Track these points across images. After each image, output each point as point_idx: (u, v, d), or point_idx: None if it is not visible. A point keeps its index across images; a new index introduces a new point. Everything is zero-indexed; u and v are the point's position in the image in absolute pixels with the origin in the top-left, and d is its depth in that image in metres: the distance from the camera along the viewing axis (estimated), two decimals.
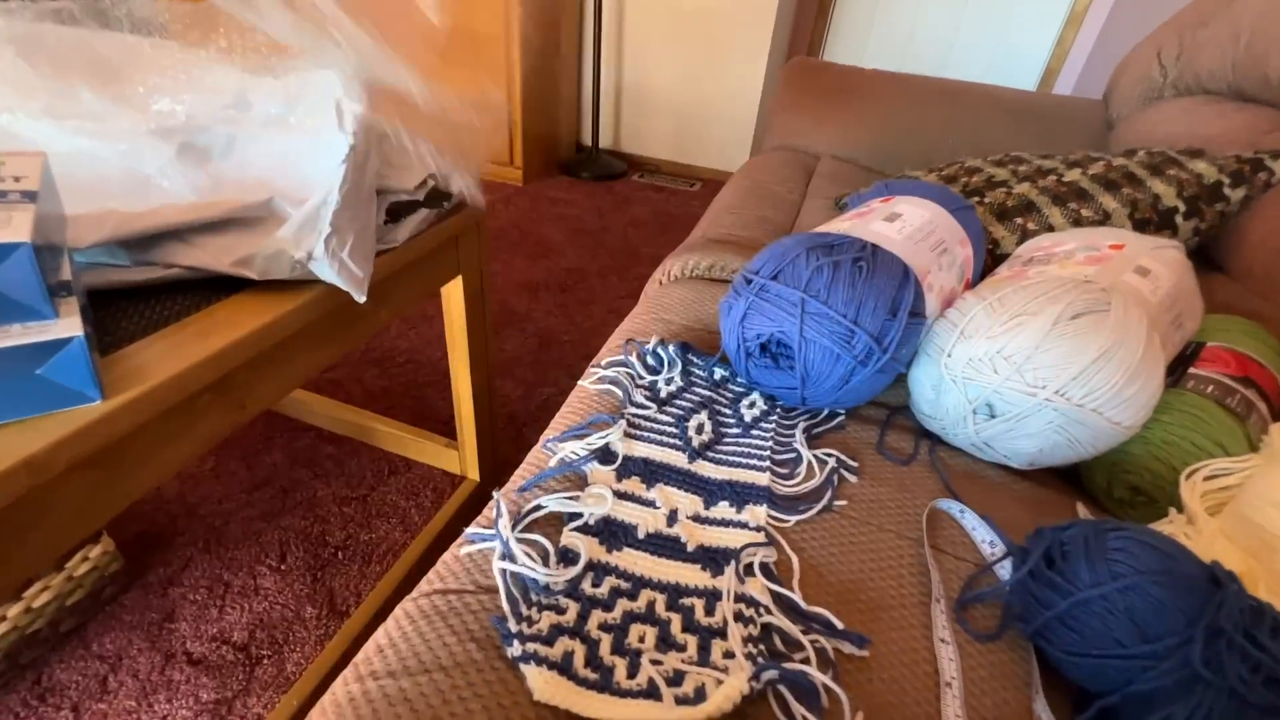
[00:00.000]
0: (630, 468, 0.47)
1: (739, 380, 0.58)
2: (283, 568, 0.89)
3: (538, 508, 0.42)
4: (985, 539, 0.45)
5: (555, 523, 0.42)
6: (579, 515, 0.42)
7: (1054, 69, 2.44)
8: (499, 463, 1.06)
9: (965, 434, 0.51)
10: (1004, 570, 0.42)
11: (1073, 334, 0.44)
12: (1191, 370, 0.52)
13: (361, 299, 0.53)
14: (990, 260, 0.69)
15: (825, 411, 0.56)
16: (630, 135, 2.65)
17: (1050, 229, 0.68)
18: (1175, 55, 0.98)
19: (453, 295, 0.81)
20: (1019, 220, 0.70)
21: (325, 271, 0.51)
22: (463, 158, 0.65)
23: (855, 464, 0.50)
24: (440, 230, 0.70)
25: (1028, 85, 2.53)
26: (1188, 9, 1.02)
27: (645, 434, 0.50)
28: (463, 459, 1.03)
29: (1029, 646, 0.38)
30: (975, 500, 0.49)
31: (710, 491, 0.46)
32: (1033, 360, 0.45)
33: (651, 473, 0.47)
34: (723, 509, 0.45)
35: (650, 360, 0.58)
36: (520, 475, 0.48)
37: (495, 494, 0.42)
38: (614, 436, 0.48)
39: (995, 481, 0.52)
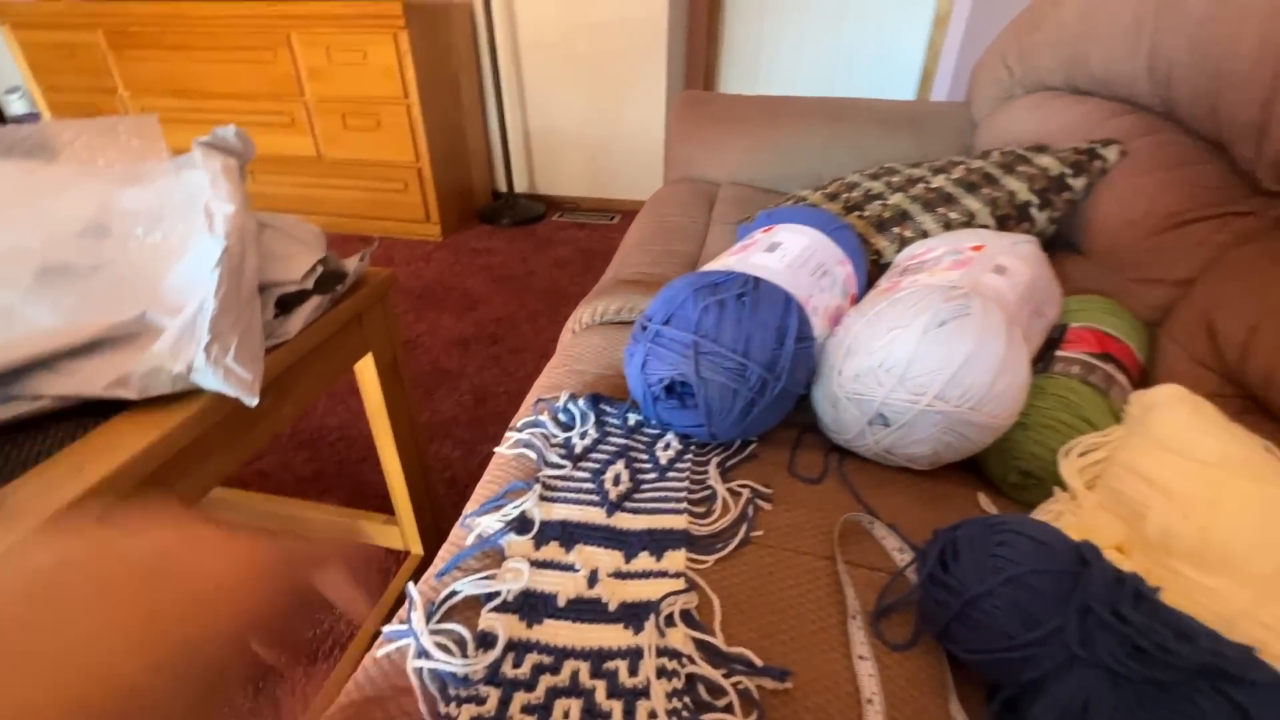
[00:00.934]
0: (548, 532, 0.47)
1: (654, 423, 0.59)
2: None
3: (453, 594, 0.41)
4: (894, 546, 0.47)
5: (475, 605, 0.42)
6: (497, 593, 0.42)
7: (930, 71, 2.62)
8: (443, 531, 1.03)
9: (866, 444, 0.53)
10: (915, 574, 0.44)
11: (941, 341, 0.47)
12: (1058, 353, 0.56)
13: (253, 402, 0.51)
14: (875, 270, 0.73)
15: (738, 442, 0.57)
16: (545, 177, 2.68)
17: (925, 234, 0.73)
18: (1017, 58, 1.07)
19: (365, 373, 0.80)
20: (896, 230, 0.74)
21: (209, 380, 0.49)
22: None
23: (769, 491, 0.52)
24: (340, 312, 0.68)
25: (909, 89, 2.70)
26: (1023, 13, 1.12)
27: (562, 494, 0.50)
28: (404, 534, 1.00)
29: (942, 649, 0.40)
30: (886, 506, 0.51)
31: (630, 544, 0.46)
32: (910, 370, 0.48)
33: (570, 534, 0.47)
34: (643, 560, 0.45)
35: (562, 417, 0.59)
36: (441, 558, 0.48)
37: (409, 586, 0.42)
38: (529, 504, 0.48)
39: (903, 485, 0.54)
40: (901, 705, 0.37)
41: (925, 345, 0.48)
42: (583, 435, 0.57)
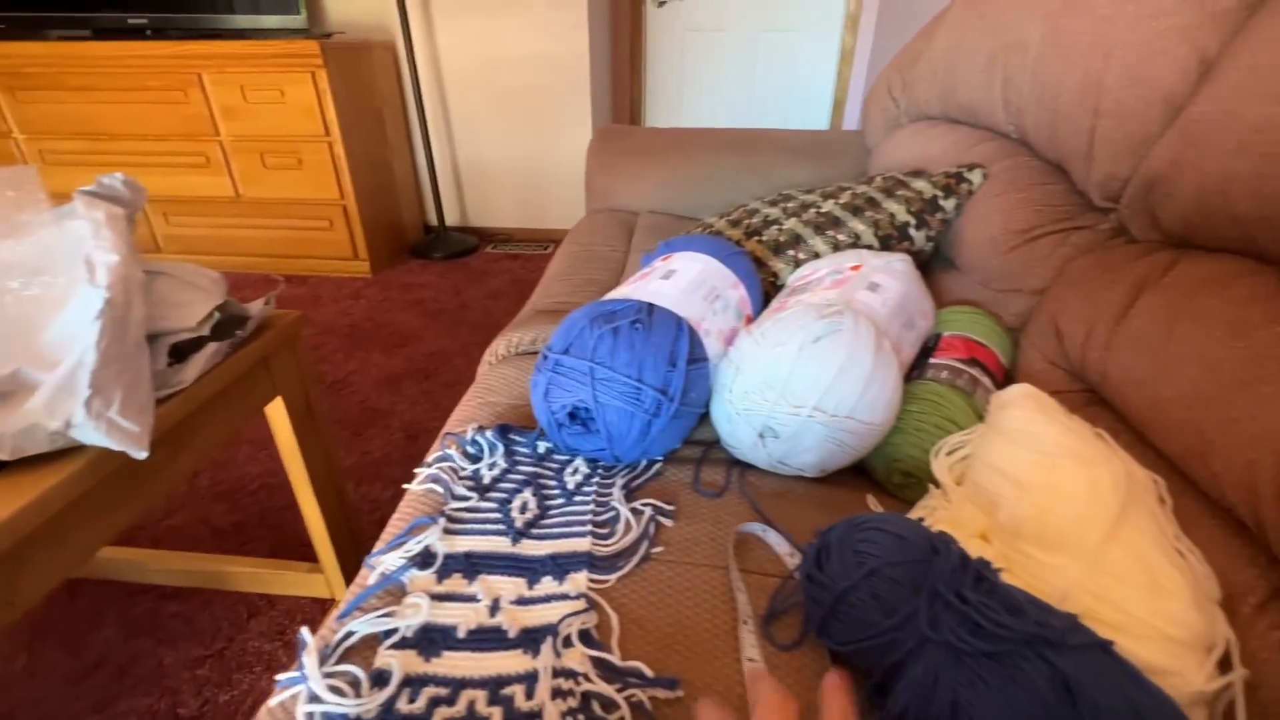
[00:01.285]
0: (451, 565, 0.47)
1: (562, 449, 0.60)
2: None
3: (349, 634, 0.41)
4: (785, 551, 0.50)
5: (374, 644, 0.42)
6: (395, 630, 0.42)
7: (840, 101, 2.79)
8: None
9: (761, 457, 0.56)
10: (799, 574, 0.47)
11: (816, 356, 0.51)
12: (930, 360, 0.62)
13: (141, 455, 0.50)
14: (774, 291, 0.77)
15: (644, 462, 0.59)
16: (476, 209, 2.68)
17: (816, 255, 0.78)
18: (901, 89, 1.17)
19: (276, 417, 0.78)
20: (791, 252, 0.79)
21: (92, 435, 0.48)
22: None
23: (671, 507, 0.54)
24: (244, 357, 0.67)
25: (823, 119, 2.87)
26: (904, 50, 1.22)
27: (467, 526, 0.51)
28: (329, 581, 0.97)
29: (824, 647, 0.43)
30: (783, 515, 0.54)
31: (533, 570, 0.47)
32: (790, 384, 0.51)
33: (473, 565, 0.47)
34: (546, 585, 0.46)
35: (471, 449, 0.59)
36: (345, 601, 0.47)
37: (302, 632, 0.41)
38: (432, 538, 0.49)
39: (799, 493, 0.58)
40: None
41: (802, 361, 0.51)
42: (491, 466, 0.58)
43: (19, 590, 0.46)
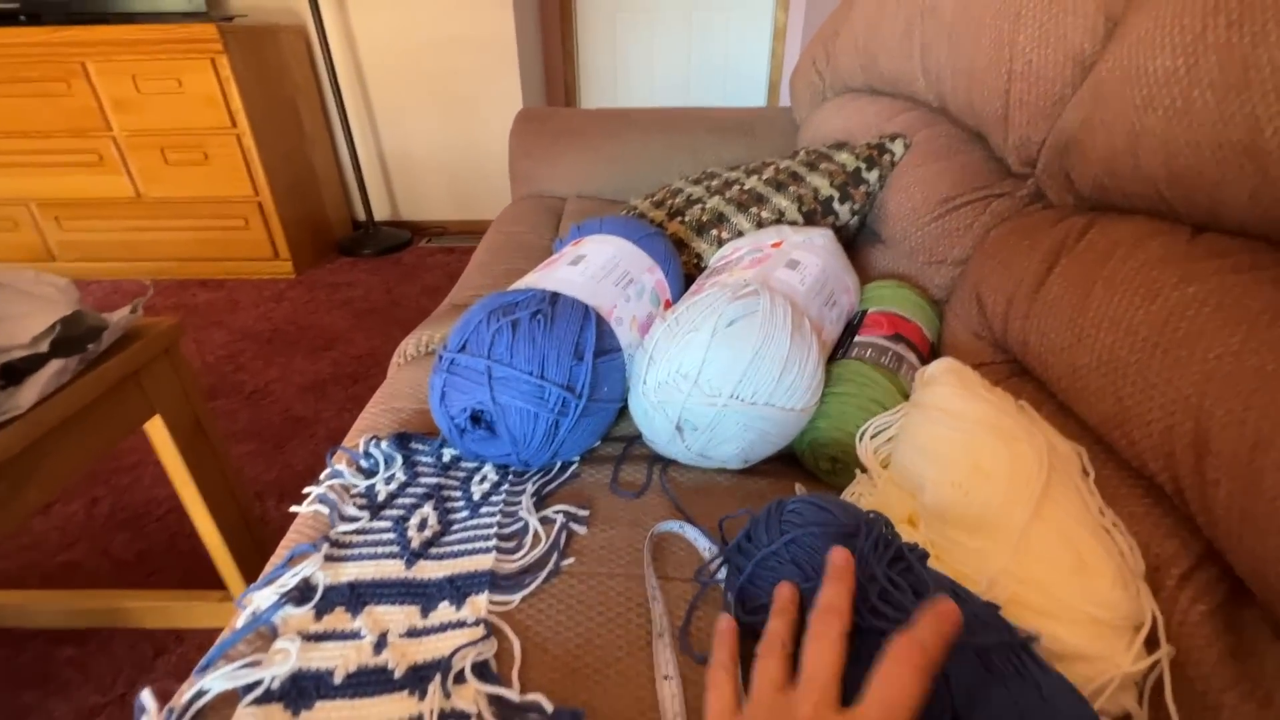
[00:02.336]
0: (333, 598, 0.42)
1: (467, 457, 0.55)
2: None
3: (201, 693, 0.36)
4: (705, 547, 0.46)
5: (234, 699, 0.36)
6: (259, 682, 0.36)
7: (775, 81, 2.77)
8: None
9: (681, 450, 0.52)
10: (722, 575, 0.44)
11: (729, 341, 0.48)
12: (855, 339, 0.59)
13: None
14: (698, 273, 0.74)
15: (558, 464, 0.55)
16: (407, 202, 2.56)
17: (740, 234, 0.75)
18: (825, 62, 1.14)
19: (157, 437, 0.70)
20: (714, 232, 0.76)
21: None
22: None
23: (585, 513, 0.50)
24: (103, 374, 0.60)
25: (759, 97, 2.85)
26: (826, 23, 1.20)
27: (354, 552, 0.46)
28: None
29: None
30: (708, 511, 0.51)
31: (429, 595, 0.42)
32: (704, 372, 0.48)
33: (359, 596, 0.42)
34: (443, 611, 0.41)
35: (365, 463, 0.54)
36: (216, 646, 0.41)
37: (142, 695, 0.35)
38: (310, 569, 0.43)
39: (725, 487, 0.54)
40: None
41: (715, 346, 0.48)
42: (388, 480, 0.52)
43: None
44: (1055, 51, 0.58)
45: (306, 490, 0.53)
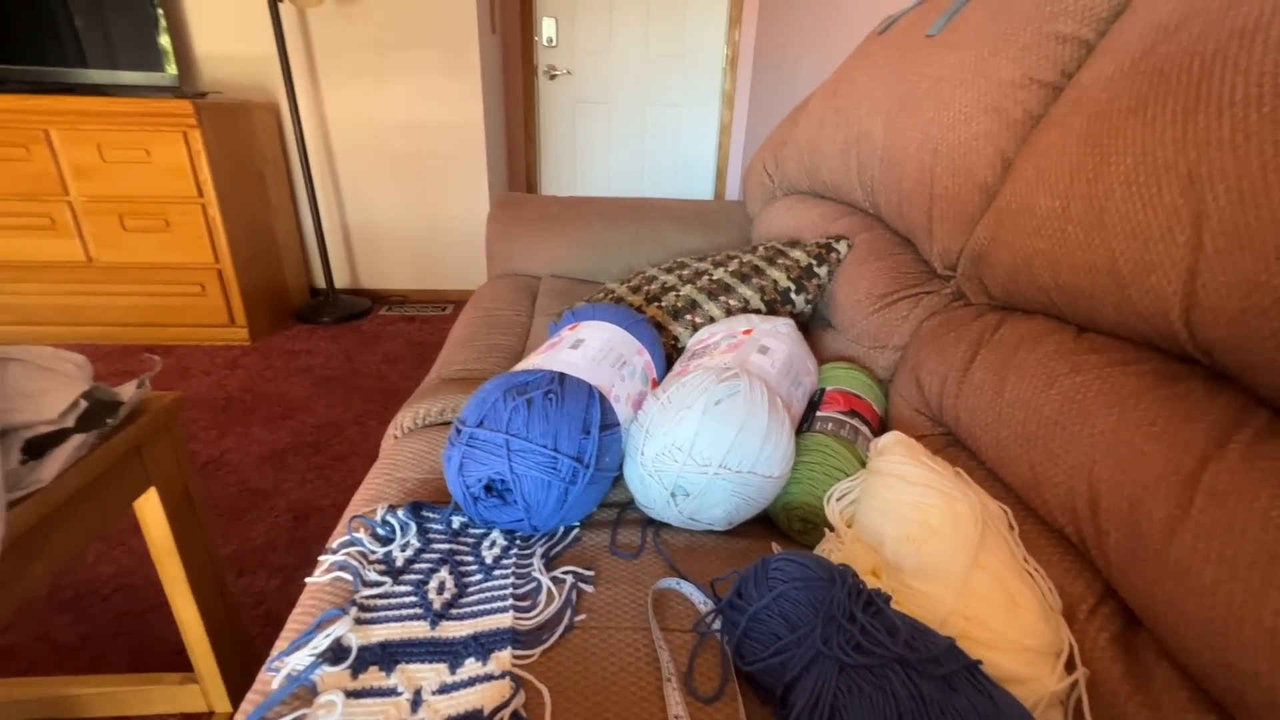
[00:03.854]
0: (366, 658, 0.45)
1: (478, 523, 0.60)
2: None
3: None
4: (700, 600, 0.52)
5: None
6: None
7: (722, 169, 3.03)
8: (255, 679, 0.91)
9: (674, 514, 0.59)
10: (718, 625, 0.50)
11: (718, 417, 0.56)
12: (817, 414, 0.68)
13: None
14: (675, 353, 0.83)
15: (561, 529, 0.60)
16: (368, 271, 2.60)
17: (711, 319, 0.85)
18: (774, 167, 1.31)
19: (148, 511, 0.71)
20: (689, 317, 0.85)
21: None
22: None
23: (591, 573, 0.55)
24: (111, 447, 0.62)
25: (707, 185, 3.10)
26: (775, 132, 1.37)
27: (381, 614, 0.49)
28: (206, 692, 0.86)
29: (739, 696, 0.45)
30: (697, 569, 0.57)
31: (455, 653, 0.46)
32: (696, 445, 0.55)
33: (390, 655, 0.46)
34: (470, 667, 0.45)
35: (381, 531, 0.57)
36: (243, 711, 0.44)
37: None
38: (343, 629, 0.46)
39: (711, 547, 0.61)
40: None
41: (707, 422, 0.56)
42: (404, 547, 0.56)
43: None
44: (966, 181, 0.72)
45: (323, 558, 0.56)
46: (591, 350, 0.65)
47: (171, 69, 2.01)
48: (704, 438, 0.55)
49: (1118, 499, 0.45)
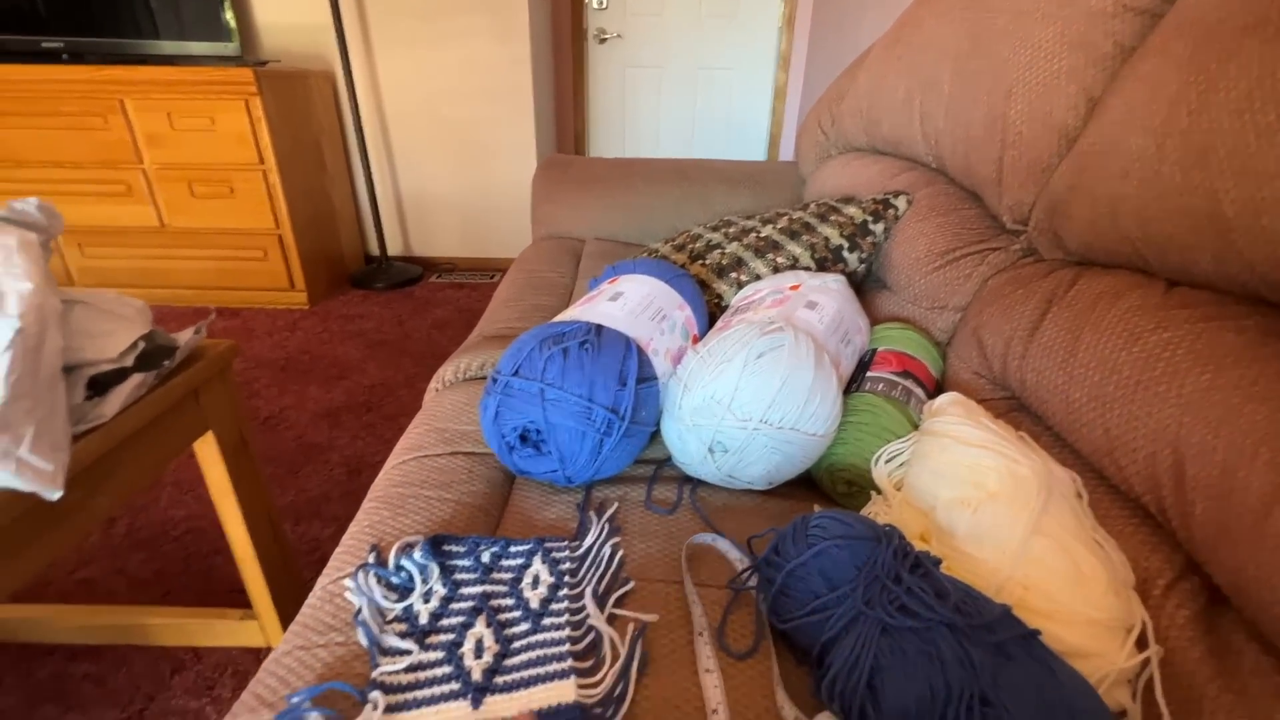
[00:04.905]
0: None
1: (512, 551, 0.51)
2: None
3: None
4: (736, 558, 0.50)
5: None
6: None
7: (775, 135, 2.92)
8: None
9: (711, 471, 0.57)
10: (753, 582, 0.48)
11: (760, 371, 0.53)
12: (867, 374, 0.65)
13: (54, 496, 0.47)
14: (718, 312, 0.80)
15: (608, 553, 0.50)
16: (419, 239, 2.65)
17: (757, 278, 0.81)
18: (830, 124, 1.24)
19: (206, 453, 0.74)
20: (734, 275, 0.82)
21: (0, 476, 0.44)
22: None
23: (654, 617, 0.45)
24: (170, 389, 0.64)
25: (759, 152, 2.99)
26: (831, 87, 1.30)
27: (408, 698, 0.39)
28: (264, 628, 0.91)
29: (773, 651, 0.43)
30: (734, 527, 0.55)
31: None
32: (737, 399, 0.53)
33: None
34: None
35: (397, 580, 0.48)
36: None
37: None
38: None
39: (749, 506, 0.59)
40: (743, 710, 0.40)
41: (747, 376, 0.53)
42: (426, 597, 0.46)
43: None
44: (1043, 125, 0.66)
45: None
46: (630, 303, 0.63)
47: (235, 39, 2.07)
48: (744, 392, 0.53)
49: (1207, 466, 0.40)
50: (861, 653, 0.37)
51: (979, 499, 0.46)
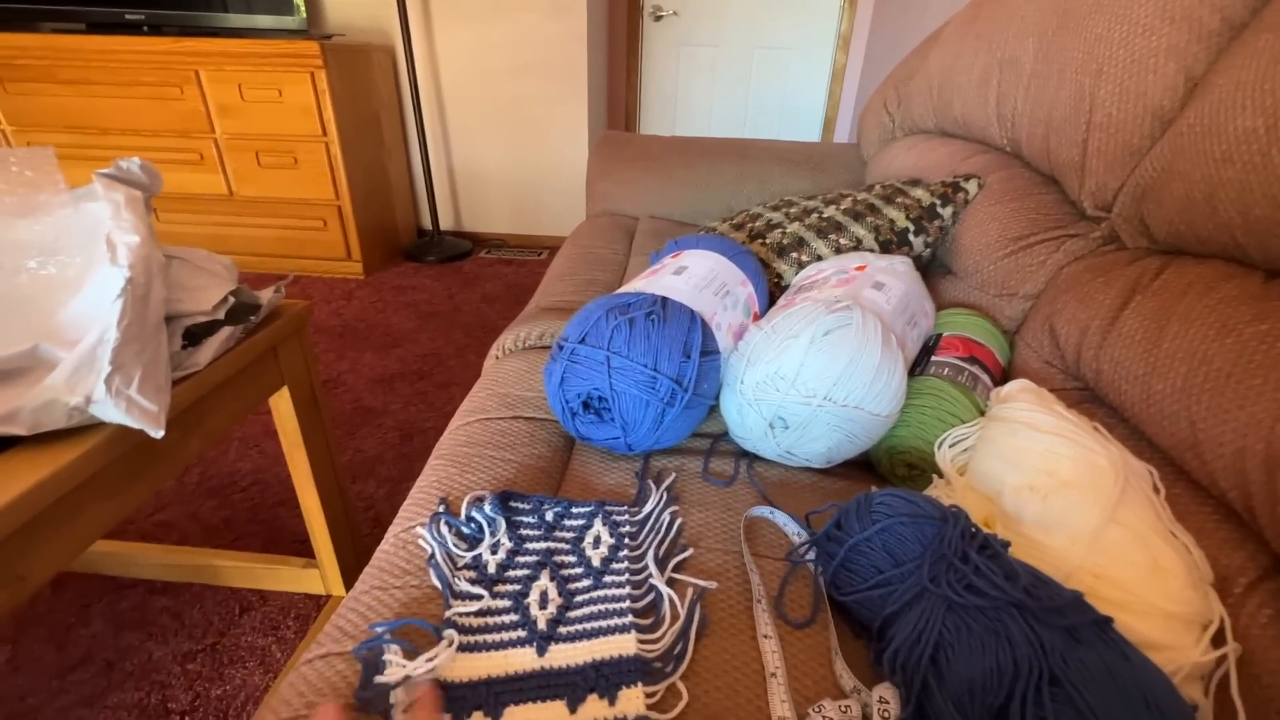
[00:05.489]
0: (470, 701, 0.37)
1: (575, 511, 0.52)
2: None
3: None
4: (794, 531, 0.51)
5: None
6: None
7: (831, 119, 2.85)
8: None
9: (770, 447, 0.57)
10: (811, 556, 0.48)
11: (827, 348, 0.53)
12: (932, 358, 0.64)
13: (158, 434, 0.50)
14: (778, 291, 0.79)
15: (667, 520, 0.52)
16: (471, 214, 2.69)
17: (819, 259, 0.80)
18: (896, 104, 1.20)
19: (281, 407, 0.78)
20: (794, 255, 0.81)
21: (110, 412, 0.48)
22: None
23: (713, 585, 0.46)
24: (253, 344, 0.68)
25: (813, 134, 2.93)
26: (899, 67, 1.26)
27: (479, 639, 0.42)
28: (325, 577, 0.96)
29: (830, 623, 0.44)
30: (790, 503, 0.56)
31: (574, 686, 0.38)
32: (801, 375, 0.53)
33: (497, 697, 0.38)
34: (594, 707, 0.37)
35: (467, 530, 0.50)
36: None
37: None
38: (445, 658, 0.39)
39: (805, 483, 0.59)
40: (802, 677, 0.40)
41: (813, 352, 0.53)
42: (494, 548, 0.48)
43: (32, 565, 0.46)
44: (1135, 106, 0.63)
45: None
46: (694, 277, 0.64)
47: (300, 12, 2.12)
48: (810, 368, 0.53)
49: None
50: (925, 628, 0.37)
51: (1050, 486, 0.46)
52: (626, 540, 0.50)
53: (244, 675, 0.88)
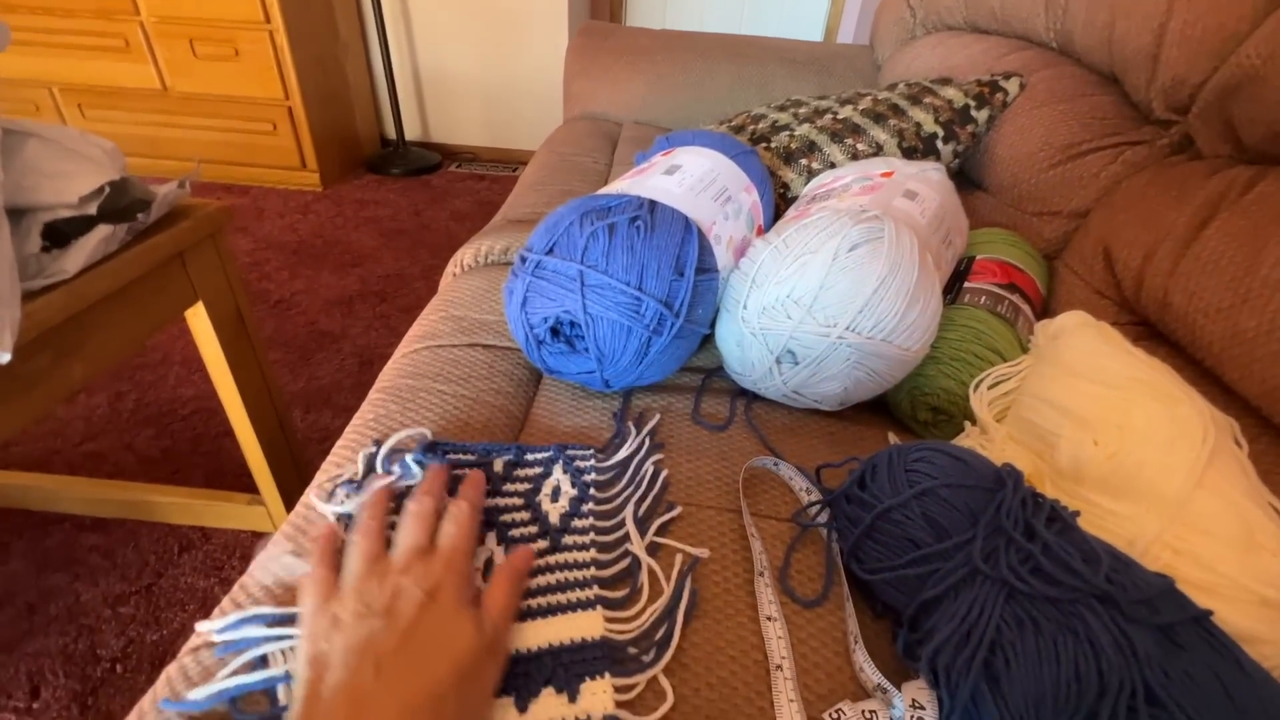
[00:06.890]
0: None
1: (529, 459, 0.42)
2: (35, 706, 0.70)
3: None
4: (801, 487, 0.43)
5: None
6: None
7: (833, 27, 2.61)
8: None
9: (774, 385, 0.48)
10: (822, 517, 0.40)
11: (853, 267, 0.43)
12: (966, 284, 0.54)
13: (3, 359, 0.39)
14: (783, 204, 0.68)
15: (650, 473, 0.42)
16: (439, 124, 2.46)
17: (832, 165, 0.69)
18: None
19: (198, 325, 0.67)
20: (804, 161, 0.70)
21: None
22: None
23: (707, 554, 0.38)
24: (151, 248, 0.55)
25: (816, 36, 2.69)
26: None
27: None
28: (271, 514, 0.88)
29: (848, 601, 0.36)
30: (795, 451, 0.47)
31: (525, 677, 0.30)
32: (820, 300, 0.43)
33: None
34: (549, 703, 0.29)
35: (401, 477, 0.38)
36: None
37: None
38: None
39: (813, 428, 0.51)
40: (812, 669, 0.33)
41: (836, 272, 0.43)
42: None
43: None
44: None
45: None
46: (690, 178, 0.52)
47: None
48: (831, 292, 0.43)
49: None
50: (978, 621, 0.29)
51: (1119, 439, 0.37)
52: (591, 491, 0.40)
53: (183, 619, 0.80)
